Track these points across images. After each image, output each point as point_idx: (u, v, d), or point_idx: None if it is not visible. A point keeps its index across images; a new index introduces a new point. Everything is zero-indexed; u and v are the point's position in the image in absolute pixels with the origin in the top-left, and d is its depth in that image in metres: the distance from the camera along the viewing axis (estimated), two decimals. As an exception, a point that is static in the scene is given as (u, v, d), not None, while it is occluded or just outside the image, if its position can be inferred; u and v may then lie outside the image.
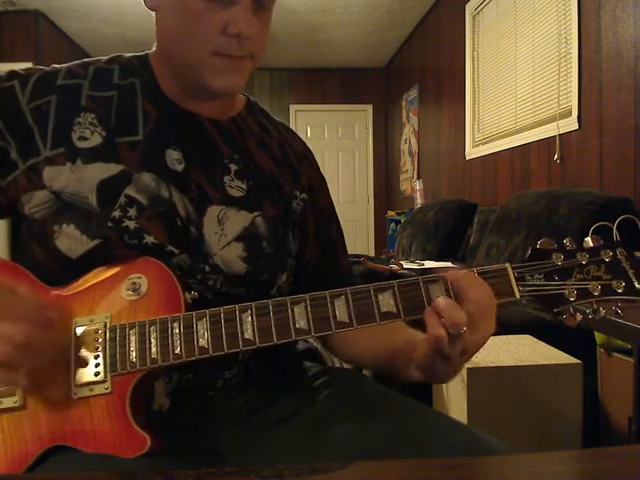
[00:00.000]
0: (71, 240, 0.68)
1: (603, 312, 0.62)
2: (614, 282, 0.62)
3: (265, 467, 0.52)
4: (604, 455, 0.59)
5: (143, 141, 0.73)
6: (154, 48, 0.80)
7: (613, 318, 0.62)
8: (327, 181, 0.90)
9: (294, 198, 0.83)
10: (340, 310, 0.61)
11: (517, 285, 0.62)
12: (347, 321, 0.61)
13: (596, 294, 0.62)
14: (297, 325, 0.61)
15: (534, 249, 0.64)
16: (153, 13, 0.75)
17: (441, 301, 0.60)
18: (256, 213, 0.77)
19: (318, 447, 0.69)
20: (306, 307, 0.62)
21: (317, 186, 0.88)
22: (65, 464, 0.60)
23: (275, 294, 0.80)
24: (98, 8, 4.81)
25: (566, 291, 0.62)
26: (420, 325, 0.63)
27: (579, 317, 0.62)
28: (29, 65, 0.78)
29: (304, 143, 0.91)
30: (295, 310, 0.62)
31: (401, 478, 0.52)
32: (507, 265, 0.63)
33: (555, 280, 0.62)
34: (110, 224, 0.69)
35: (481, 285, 0.61)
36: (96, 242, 0.69)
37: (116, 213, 0.70)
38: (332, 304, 0.62)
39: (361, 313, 0.61)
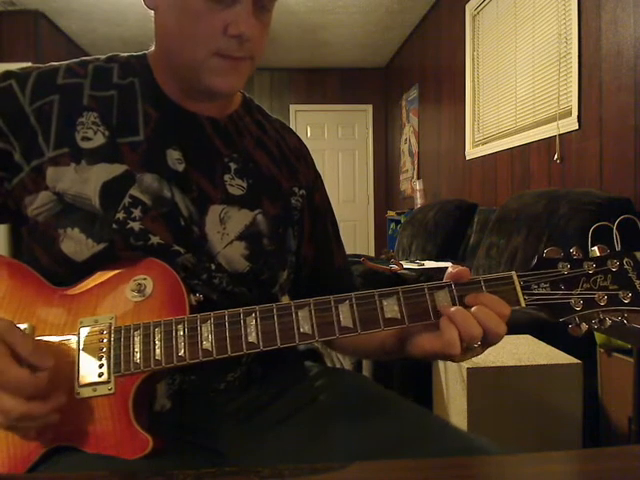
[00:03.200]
0: (76, 244, 0.68)
1: (609, 322, 0.61)
2: (621, 292, 0.61)
3: (265, 467, 0.52)
4: (604, 455, 0.59)
5: (144, 141, 0.73)
6: (152, 48, 0.79)
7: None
8: (327, 181, 0.91)
9: (293, 195, 0.83)
10: (344, 315, 0.61)
11: (523, 294, 0.62)
12: (351, 326, 0.61)
13: (602, 304, 0.61)
14: (301, 329, 0.61)
15: (540, 258, 0.63)
16: (152, 12, 0.74)
17: (458, 313, 0.60)
18: (257, 211, 0.78)
19: (318, 447, 0.69)
20: (310, 312, 0.62)
21: (312, 183, 0.88)
22: (67, 464, 0.61)
23: (277, 292, 0.80)
24: (98, 8, 4.81)
25: (572, 301, 0.61)
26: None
27: (585, 327, 0.62)
28: (29, 65, 0.77)
29: (300, 140, 0.91)
30: (299, 314, 0.62)
31: (401, 478, 0.52)
32: (513, 273, 0.62)
33: (561, 289, 0.62)
34: (115, 226, 0.69)
35: (497, 301, 0.61)
36: (102, 246, 0.68)
37: (120, 215, 0.70)
38: (336, 309, 0.62)
39: (365, 319, 0.61)
